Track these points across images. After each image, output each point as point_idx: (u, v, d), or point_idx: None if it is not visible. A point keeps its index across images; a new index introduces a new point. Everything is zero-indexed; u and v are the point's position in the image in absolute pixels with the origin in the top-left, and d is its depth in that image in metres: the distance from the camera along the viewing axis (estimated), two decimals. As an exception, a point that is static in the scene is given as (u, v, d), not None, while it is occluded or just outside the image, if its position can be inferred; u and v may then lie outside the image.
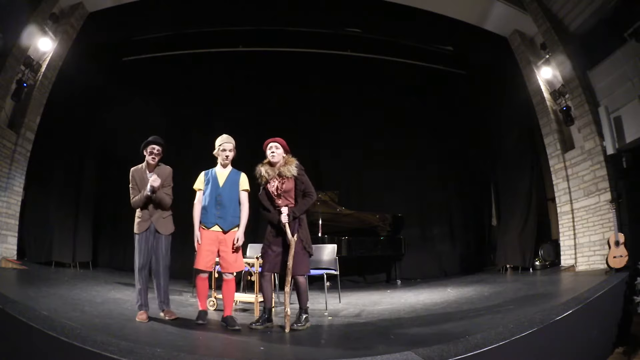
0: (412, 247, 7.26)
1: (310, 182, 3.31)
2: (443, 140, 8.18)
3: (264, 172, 3.21)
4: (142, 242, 3.28)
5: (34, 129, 5.64)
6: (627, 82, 5.35)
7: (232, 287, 3.26)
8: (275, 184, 3.19)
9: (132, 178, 3.39)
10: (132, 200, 3.36)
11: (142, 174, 3.38)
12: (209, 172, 3.33)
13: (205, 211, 3.22)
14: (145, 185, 3.30)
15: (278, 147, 3.22)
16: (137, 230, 3.31)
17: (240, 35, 7.50)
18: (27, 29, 5.23)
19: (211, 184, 3.25)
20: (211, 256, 3.19)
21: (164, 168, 3.47)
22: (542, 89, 6.46)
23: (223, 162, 3.29)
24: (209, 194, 3.23)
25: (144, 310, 3.20)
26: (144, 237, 3.29)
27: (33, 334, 2.21)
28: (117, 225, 7.10)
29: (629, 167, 5.50)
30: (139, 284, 3.25)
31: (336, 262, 4.58)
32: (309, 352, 2.58)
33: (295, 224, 3.15)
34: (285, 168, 3.18)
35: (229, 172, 3.31)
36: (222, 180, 3.27)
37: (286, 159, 3.23)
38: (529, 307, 3.41)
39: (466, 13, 6.69)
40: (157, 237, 3.33)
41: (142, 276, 3.26)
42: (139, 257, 3.26)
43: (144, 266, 3.28)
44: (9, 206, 5.27)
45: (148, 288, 3.32)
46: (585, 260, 5.68)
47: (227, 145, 3.27)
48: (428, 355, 2.17)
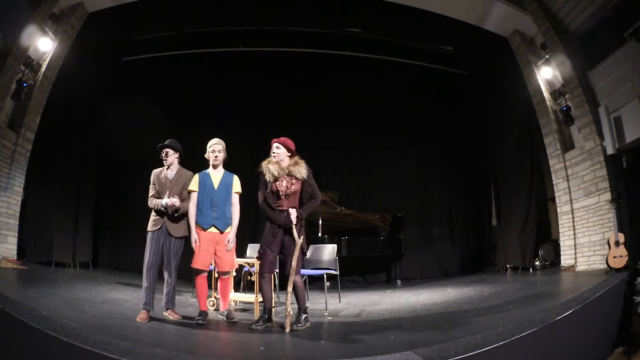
0: (412, 247, 7.26)
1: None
2: (443, 140, 8.18)
3: (272, 170, 3.18)
4: (153, 241, 3.33)
5: (34, 129, 5.64)
6: (627, 82, 5.35)
7: (228, 284, 3.45)
8: (284, 184, 3.17)
9: (153, 177, 3.51)
10: (149, 199, 3.44)
11: (162, 174, 3.50)
12: (203, 174, 3.40)
13: (201, 213, 3.28)
14: (165, 185, 3.42)
15: (279, 147, 3.22)
16: (150, 228, 3.37)
17: (240, 35, 7.50)
18: (27, 29, 5.24)
19: (206, 186, 3.32)
20: (209, 256, 3.29)
21: (186, 172, 3.53)
22: (542, 89, 6.46)
23: (213, 163, 3.37)
24: (204, 196, 3.29)
25: (147, 309, 3.21)
26: (155, 236, 3.34)
27: (33, 334, 2.21)
28: (117, 225, 7.11)
29: (629, 167, 5.50)
30: (146, 282, 3.27)
31: (336, 262, 4.58)
32: (309, 352, 2.58)
33: (299, 224, 3.18)
34: (296, 169, 3.18)
35: (222, 174, 3.40)
36: (217, 182, 3.35)
37: (296, 159, 3.23)
38: (529, 307, 3.41)
39: (466, 13, 6.69)
40: (168, 238, 3.37)
41: (150, 275, 3.29)
42: (149, 256, 3.31)
43: (152, 265, 3.31)
44: (9, 206, 5.28)
45: (155, 288, 3.34)
46: (585, 260, 5.68)
47: (217, 147, 3.38)
48: (428, 355, 2.17)
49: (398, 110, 8.08)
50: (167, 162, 3.47)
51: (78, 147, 6.67)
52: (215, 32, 7.36)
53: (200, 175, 3.38)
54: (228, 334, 3.01)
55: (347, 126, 7.90)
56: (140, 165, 6.96)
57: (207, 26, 7.18)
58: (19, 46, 5.22)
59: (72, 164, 6.56)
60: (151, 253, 3.30)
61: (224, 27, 7.28)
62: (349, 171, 7.89)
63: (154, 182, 3.47)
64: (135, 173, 7.01)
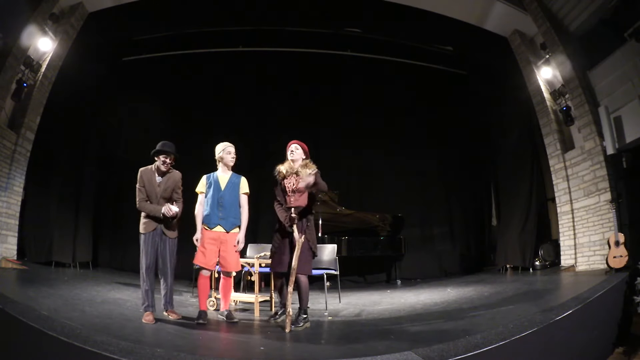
0: (412, 247, 7.26)
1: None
2: (443, 140, 8.18)
3: (283, 169, 3.37)
4: (149, 243, 3.29)
5: (34, 129, 5.63)
6: (627, 82, 5.35)
7: (230, 284, 3.49)
8: (292, 181, 3.33)
9: (140, 179, 3.39)
10: (140, 203, 3.36)
11: (151, 176, 3.40)
12: (211, 175, 3.46)
13: (207, 212, 3.35)
14: (154, 189, 3.36)
15: (298, 148, 3.41)
16: (144, 230, 3.32)
17: (240, 35, 7.50)
18: (27, 29, 5.23)
19: (213, 187, 3.39)
20: (213, 255, 3.31)
21: (174, 174, 3.48)
22: (542, 89, 6.46)
23: (229, 164, 3.43)
24: (211, 197, 3.36)
25: (151, 311, 3.20)
26: (150, 237, 3.31)
27: (33, 334, 2.21)
28: (117, 225, 7.10)
29: (629, 167, 5.50)
30: (146, 285, 3.24)
31: (336, 262, 4.58)
32: (309, 352, 2.58)
33: (303, 223, 3.24)
34: (304, 170, 3.33)
35: (229, 176, 3.46)
36: (224, 183, 3.41)
37: (307, 162, 3.39)
38: (529, 307, 3.41)
39: (466, 13, 6.69)
40: (164, 238, 3.36)
41: (149, 277, 3.27)
42: (146, 258, 3.28)
43: (150, 266, 3.29)
44: (9, 206, 5.27)
45: (155, 289, 3.33)
46: (585, 260, 5.67)
47: (231, 148, 3.45)
48: (428, 355, 2.17)
49: (398, 110, 8.08)
50: (166, 167, 3.40)
51: (78, 147, 6.67)
52: (215, 32, 7.35)
53: (208, 177, 3.45)
54: (228, 334, 3.01)
55: (347, 126, 7.90)
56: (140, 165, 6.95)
57: (207, 26, 7.17)
58: (19, 46, 5.22)
59: (72, 164, 6.56)
60: (147, 255, 3.28)
61: (224, 27, 7.28)
62: (349, 171, 7.88)
63: (143, 185, 3.37)
64: (135, 173, 7.00)
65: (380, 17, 6.81)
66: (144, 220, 3.34)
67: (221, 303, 3.47)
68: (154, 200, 3.36)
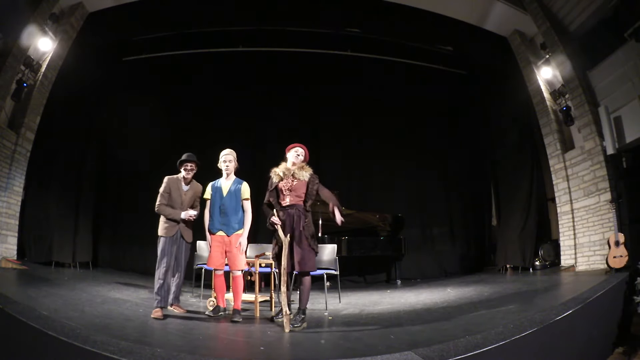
0: (412, 247, 7.26)
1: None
2: (443, 140, 8.18)
3: (279, 171, 3.42)
4: (169, 246, 3.60)
5: (34, 129, 5.64)
6: (627, 82, 5.35)
7: (240, 282, 3.58)
8: (288, 183, 3.37)
9: (167, 186, 3.71)
10: (160, 206, 3.65)
11: (178, 185, 3.76)
12: (215, 182, 3.69)
13: (211, 218, 3.61)
14: (180, 196, 3.73)
15: (302, 152, 3.49)
16: (165, 233, 3.62)
17: (240, 35, 7.50)
18: (27, 29, 5.24)
19: (217, 194, 3.62)
20: (220, 256, 3.56)
21: (197, 186, 3.86)
22: (542, 89, 6.46)
23: (225, 172, 3.64)
24: (214, 204, 3.61)
25: (161, 307, 3.39)
26: (169, 241, 3.61)
27: (33, 334, 2.21)
28: (117, 225, 7.10)
29: (629, 167, 5.50)
30: (163, 284, 3.47)
31: (336, 262, 4.58)
32: (309, 352, 2.58)
33: (301, 221, 3.26)
34: (300, 172, 3.38)
35: (231, 182, 3.65)
36: (226, 190, 3.62)
37: (303, 165, 3.44)
38: (529, 307, 3.41)
39: (466, 13, 6.69)
40: (181, 242, 3.72)
41: (166, 277, 3.54)
42: (166, 260, 3.56)
43: (169, 268, 3.59)
44: (9, 206, 5.28)
45: (169, 288, 3.62)
46: (585, 260, 5.68)
47: (227, 157, 3.65)
48: (428, 355, 2.17)
49: (398, 109, 8.08)
50: (191, 176, 3.77)
51: (78, 147, 6.67)
52: (215, 32, 7.36)
53: (213, 184, 3.68)
54: (228, 334, 3.01)
55: (347, 126, 7.90)
56: (140, 165, 6.99)
57: (207, 26, 7.17)
58: (19, 46, 5.22)
59: (72, 164, 6.56)
60: (168, 256, 3.57)
61: (224, 27, 7.28)
62: (349, 171, 7.89)
63: (168, 191, 3.68)
64: (135, 173, 7.03)
65: (380, 17, 6.81)
66: (166, 225, 3.64)
67: (233, 301, 3.56)
68: (178, 207, 3.69)
